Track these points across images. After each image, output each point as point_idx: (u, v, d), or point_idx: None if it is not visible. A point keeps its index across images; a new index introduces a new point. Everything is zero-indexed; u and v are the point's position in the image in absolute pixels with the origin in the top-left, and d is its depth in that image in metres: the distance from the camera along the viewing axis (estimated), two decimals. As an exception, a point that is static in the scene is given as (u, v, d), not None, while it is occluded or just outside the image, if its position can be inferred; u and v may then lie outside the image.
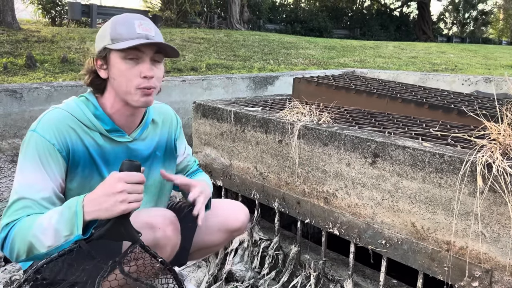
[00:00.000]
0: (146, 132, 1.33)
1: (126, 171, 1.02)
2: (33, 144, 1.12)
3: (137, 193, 1.01)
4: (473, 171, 1.26)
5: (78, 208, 1.01)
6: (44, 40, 7.40)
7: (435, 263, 1.39)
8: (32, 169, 1.11)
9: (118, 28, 1.14)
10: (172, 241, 1.23)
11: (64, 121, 1.16)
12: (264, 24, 20.38)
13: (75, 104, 1.22)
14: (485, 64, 9.64)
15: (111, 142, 1.24)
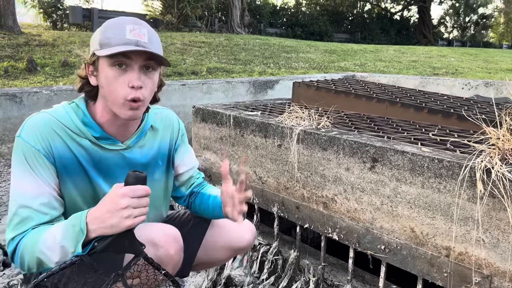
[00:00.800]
0: (143, 140, 1.26)
1: (131, 183, 0.98)
2: (20, 151, 1.08)
3: (142, 207, 0.98)
4: (472, 176, 1.25)
5: (82, 226, 0.98)
6: (45, 44, 7.42)
7: (435, 269, 1.39)
8: (23, 176, 1.07)
9: (107, 32, 1.07)
10: (174, 260, 1.20)
11: (48, 126, 1.10)
12: (265, 28, 20.43)
13: (63, 109, 1.15)
14: (486, 68, 9.64)
15: (102, 150, 1.17)
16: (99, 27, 1.13)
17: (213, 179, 2.29)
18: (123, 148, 1.20)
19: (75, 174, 1.15)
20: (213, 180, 2.29)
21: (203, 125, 2.31)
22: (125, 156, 1.21)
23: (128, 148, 1.22)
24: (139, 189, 0.97)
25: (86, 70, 1.13)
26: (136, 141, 1.24)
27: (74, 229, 0.99)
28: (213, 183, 2.30)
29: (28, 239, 1.03)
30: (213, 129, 2.25)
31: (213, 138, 2.26)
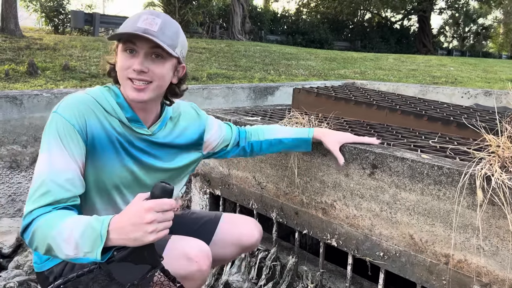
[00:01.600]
0: (165, 129, 1.32)
1: (157, 196, 0.97)
2: (54, 125, 1.12)
3: (167, 221, 0.97)
4: (471, 184, 1.25)
5: (103, 232, 0.96)
6: (46, 48, 7.44)
7: (433, 276, 1.38)
8: (53, 150, 1.10)
9: (126, 21, 1.17)
10: (205, 276, 1.24)
11: (85, 103, 1.16)
12: (266, 35, 20.51)
13: (98, 90, 1.23)
14: (485, 78, 9.67)
15: (131, 132, 1.23)
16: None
17: (212, 184, 2.29)
18: (149, 134, 1.27)
19: (105, 152, 1.19)
20: (212, 185, 2.29)
21: (203, 130, 2.31)
22: (150, 140, 1.28)
23: (153, 134, 1.28)
24: (166, 204, 0.96)
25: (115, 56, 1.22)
26: (159, 129, 1.30)
27: (93, 232, 0.97)
28: (211, 188, 2.29)
29: (45, 221, 1.03)
30: (213, 134, 2.25)
31: (212, 143, 2.25)
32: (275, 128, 1.64)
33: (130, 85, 1.16)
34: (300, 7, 28.49)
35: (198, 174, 2.39)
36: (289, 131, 1.61)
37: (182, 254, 1.19)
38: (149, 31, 1.12)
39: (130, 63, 1.15)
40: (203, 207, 2.41)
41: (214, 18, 19.00)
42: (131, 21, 1.16)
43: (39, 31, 12.96)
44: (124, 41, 1.15)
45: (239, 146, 1.59)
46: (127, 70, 1.15)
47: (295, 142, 1.60)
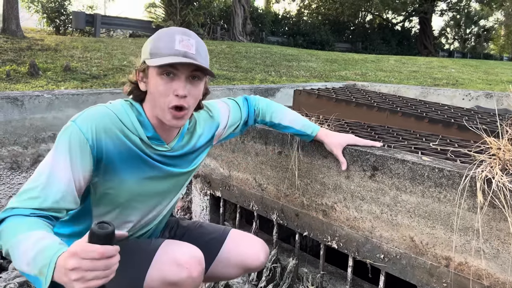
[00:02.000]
0: (184, 140, 1.31)
1: (91, 241, 0.85)
2: (68, 133, 1.10)
3: (100, 270, 0.85)
4: (472, 186, 1.25)
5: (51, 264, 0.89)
6: (47, 49, 7.46)
7: (434, 279, 1.38)
8: (58, 158, 1.08)
9: (158, 42, 1.12)
10: (196, 283, 1.21)
11: (105, 119, 1.14)
12: (267, 37, 20.53)
13: (121, 106, 1.19)
14: (486, 80, 9.67)
15: (149, 149, 1.22)
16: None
17: (212, 185, 2.29)
18: (168, 150, 1.26)
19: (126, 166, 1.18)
20: (212, 186, 2.29)
21: (204, 131, 2.31)
22: (166, 155, 1.26)
23: (172, 150, 1.27)
24: (91, 251, 0.84)
25: (137, 76, 1.18)
26: (177, 144, 1.29)
27: (43, 260, 0.90)
28: (212, 189, 2.29)
29: (14, 224, 0.99)
30: (213, 135, 2.25)
31: (213, 144, 2.25)
32: (284, 112, 1.62)
33: (171, 114, 1.14)
34: (301, 9, 28.52)
35: (199, 176, 2.39)
36: (296, 120, 1.61)
37: (172, 260, 1.16)
38: (188, 54, 1.11)
39: (171, 87, 1.12)
40: (203, 209, 2.41)
41: (215, 19, 19.02)
42: (165, 42, 1.11)
43: (41, 32, 12.99)
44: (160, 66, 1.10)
45: (247, 124, 1.60)
46: (168, 97, 1.12)
47: (299, 133, 1.62)
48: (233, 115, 1.51)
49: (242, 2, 18.06)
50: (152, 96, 1.16)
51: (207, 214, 2.39)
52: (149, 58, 1.12)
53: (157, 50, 1.11)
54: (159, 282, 1.17)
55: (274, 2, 29.20)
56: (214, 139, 1.46)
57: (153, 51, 1.11)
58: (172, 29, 1.15)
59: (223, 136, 1.51)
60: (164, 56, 1.09)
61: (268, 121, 1.61)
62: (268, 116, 1.60)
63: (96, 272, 0.85)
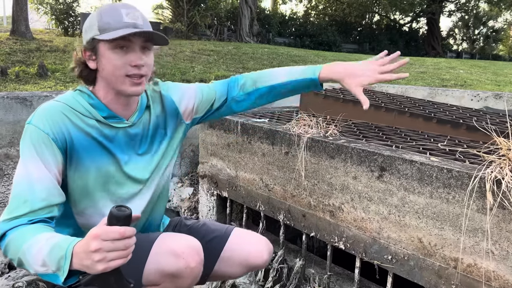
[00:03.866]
0: (143, 117, 1.30)
1: (110, 223, 0.91)
2: (28, 135, 1.11)
3: (119, 250, 0.90)
4: (481, 187, 1.24)
5: (68, 254, 0.94)
6: (56, 50, 7.52)
7: (442, 280, 1.37)
8: (28, 160, 1.09)
9: (105, 17, 1.13)
10: (194, 272, 1.19)
11: (58, 111, 1.15)
12: (274, 38, 20.52)
13: (69, 95, 1.21)
14: (495, 81, 9.58)
15: (110, 128, 1.21)
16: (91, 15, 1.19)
17: (219, 185, 2.29)
18: (128, 125, 1.25)
19: (91, 152, 1.18)
20: (219, 186, 2.29)
21: (211, 132, 2.32)
22: (129, 132, 1.25)
23: (133, 124, 1.26)
24: (112, 232, 0.89)
25: (83, 55, 1.17)
26: (138, 118, 1.28)
27: (59, 252, 0.95)
28: (219, 190, 2.29)
29: (18, 234, 1.02)
30: (220, 135, 2.25)
31: (220, 145, 2.26)
32: (276, 71, 1.45)
33: (129, 81, 1.15)
34: (308, 10, 28.47)
35: (206, 176, 2.39)
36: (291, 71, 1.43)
37: (169, 250, 1.15)
38: (138, 25, 1.13)
39: (127, 59, 1.13)
40: (210, 209, 2.41)
41: (222, 21, 19.06)
42: (112, 16, 1.12)
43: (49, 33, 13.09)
44: (114, 39, 1.11)
45: (227, 101, 1.46)
46: (125, 68, 1.13)
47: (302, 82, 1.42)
48: (200, 89, 1.45)
49: (249, 3, 18.07)
50: (106, 72, 1.15)
51: (214, 215, 2.39)
52: (98, 34, 1.12)
53: (106, 25, 1.11)
54: (157, 274, 1.16)
55: (281, 3, 29.18)
56: (184, 117, 1.40)
57: (102, 26, 1.12)
58: (114, 4, 1.17)
59: (196, 114, 1.44)
60: (115, 29, 1.10)
61: (261, 86, 1.43)
62: (259, 81, 1.44)
63: (116, 252, 0.90)
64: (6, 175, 2.69)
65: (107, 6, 1.16)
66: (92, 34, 1.14)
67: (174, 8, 16.42)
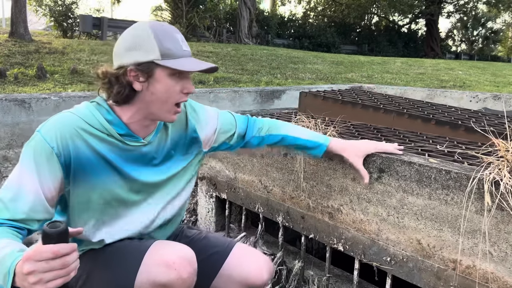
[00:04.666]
0: (159, 135, 1.28)
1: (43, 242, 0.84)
2: (33, 144, 1.09)
3: (56, 270, 0.84)
4: (480, 188, 1.24)
5: (10, 271, 0.89)
6: (55, 52, 7.52)
7: (441, 282, 1.37)
8: (23, 170, 1.08)
9: (165, 43, 1.10)
10: (187, 283, 1.15)
11: (71, 126, 1.11)
12: (273, 39, 20.55)
13: (86, 108, 1.17)
14: (494, 82, 9.60)
15: (123, 145, 1.19)
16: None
17: (218, 187, 2.29)
18: (143, 144, 1.22)
19: (99, 170, 1.15)
20: (218, 188, 2.29)
21: (209, 133, 2.31)
22: (142, 151, 1.23)
23: (149, 143, 1.24)
24: (45, 251, 0.83)
25: (128, 75, 1.12)
26: (154, 136, 1.26)
27: (3, 268, 0.91)
28: (217, 191, 2.29)
29: None
30: (219, 137, 2.25)
31: (219, 146, 2.25)
32: (291, 125, 1.57)
33: (175, 110, 1.17)
34: (307, 11, 28.52)
35: (204, 178, 2.39)
36: (305, 132, 1.54)
37: (161, 261, 1.12)
38: (190, 53, 1.16)
39: (182, 86, 1.15)
40: (209, 211, 2.41)
41: (221, 22, 19.08)
42: (172, 43, 1.12)
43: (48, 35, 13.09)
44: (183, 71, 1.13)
45: (244, 138, 1.51)
46: (177, 95, 1.15)
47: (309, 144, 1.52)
48: (223, 121, 1.45)
49: (248, 5, 18.10)
50: (156, 97, 1.13)
51: (213, 216, 2.39)
52: (160, 59, 1.09)
53: (168, 51, 1.11)
54: (149, 285, 1.13)
55: (280, 5, 29.24)
56: (204, 144, 1.40)
57: (164, 52, 1.10)
58: (167, 28, 1.14)
59: (215, 143, 1.45)
60: (177, 57, 1.12)
61: (276, 133, 1.52)
62: (275, 128, 1.53)
63: (53, 273, 0.84)
64: (5, 178, 2.68)
65: (161, 28, 1.13)
66: (152, 58, 1.09)
67: (173, 10, 16.45)
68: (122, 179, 1.20)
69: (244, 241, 2.16)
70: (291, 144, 1.54)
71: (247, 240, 2.15)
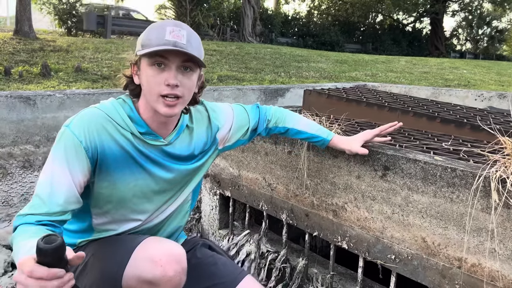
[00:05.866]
0: (182, 137, 1.30)
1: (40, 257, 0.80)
2: (63, 139, 1.13)
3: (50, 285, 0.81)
4: (485, 186, 1.23)
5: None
6: (59, 50, 7.54)
7: (446, 280, 1.36)
8: (55, 164, 1.12)
9: (149, 34, 1.14)
10: (173, 282, 1.12)
11: (97, 120, 1.16)
12: (276, 38, 20.52)
13: (111, 104, 1.22)
14: (499, 81, 9.55)
15: (144, 144, 1.22)
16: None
17: (222, 185, 2.29)
18: (164, 144, 1.25)
19: (124, 164, 1.20)
20: (222, 186, 2.29)
21: (214, 131, 2.31)
22: (165, 150, 1.26)
23: (169, 144, 1.27)
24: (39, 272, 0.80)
25: (132, 69, 1.21)
26: (175, 137, 1.28)
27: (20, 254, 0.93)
28: (221, 189, 2.29)
29: (18, 233, 1.03)
30: (223, 134, 2.25)
31: (223, 144, 2.25)
32: (298, 117, 1.60)
33: (163, 102, 1.14)
34: (311, 10, 28.47)
35: (208, 175, 2.39)
36: (310, 125, 1.58)
37: (148, 256, 1.12)
38: (178, 44, 1.11)
39: (162, 77, 1.13)
40: (213, 208, 2.41)
41: (225, 21, 19.08)
42: (155, 33, 1.13)
43: (53, 33, 13.13)
44: (152, 55, 1.12)
45: (256, 131, 1.55)
46: (159, 86, 1.13)
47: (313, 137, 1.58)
48: (237, 118, 1.47)
49: (252, 3, 18.08)
50: (144, 87, 1.17)
51: (217, 214, 2.39)
52: (140, 49, 1.14)
53: (148, 42, 1.13)
54: (135, 280, 1.12)
55: (284, 3, 29.19)
56: (219, 143, 1.43)
57: (145, 42, 1.13)
58: (164, 22, 1.18)
59: (229, 142, 1.47)
60: (154, 46, 1.11)
61: (282, 126, 1.57)
62: (282, 120, 1.58)
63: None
64: (10, 174, 2.69)
65: (157, 23, 1.18)
66: (136, 49, 1.16)
67: (177, 8, 16.46)
68: (145, 176, 1.24)
69: (248, 238, 2.16)
70: (295, 136, 1.60)
71: (251, 237, 2.15)
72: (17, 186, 2.70)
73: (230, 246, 2.19)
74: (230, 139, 1.47)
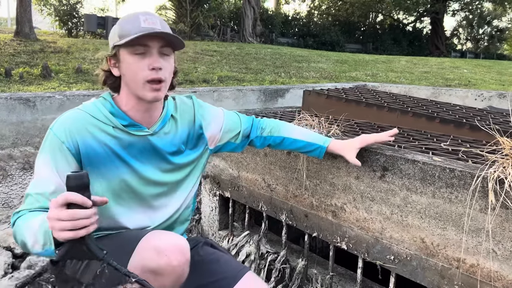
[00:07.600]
0: (167, 127, 1.32)
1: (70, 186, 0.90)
2: (48, 141, 1.19)
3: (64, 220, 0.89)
4: (484, 187, 1.23)
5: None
6: (60, 51, 7.55)
7: (445, 281, 1.36)
8: (42, 164, 1.17)
9: (124, 25, 1.18)
10: (176, 272, 1.15)
11: (78, 121, 1.20)
12: (277, 38, 20.52)
13: (92, 104, 1.26)
14: (499, 80, 9.54)
15: (130, 136, 1.25)
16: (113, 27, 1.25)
17: (221, 186, 2.29)
18: (149, 134, 1.28)
19: (108, 163, 1.23)
20: (221, 187, 2.29)
21: (213, 132, 2.31)
22: (151, 141, 1.29)
23: (155, 133, 1.29)
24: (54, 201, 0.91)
25: (108, 63, 1.23)
26: (160, 127, 1.31)
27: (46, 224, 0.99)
28: (221, 190, 2.30)
29: (21, 220, 1.10)
30: (222, 135, 2.25)
31: (222, 145, 2.25)
32: (293, 127, 1.61)
33: (150, 88, 1.18)
34: (311, 10, 28.46)
35: (208, 176, 2.39)
36: (306, 133, 1.58)
37: (152, 246, 1.14)
38: (156, 30, 1.16)
39: (145, 63, 1.17)
40: (212, 209, 2.41)
41: (225, 21, 19.08)
42: (130, 22, 1.17)
43: (53, 34, 13.15)
44: (131, 44, 1.16)
45: (249, 138, 1.56)
46: (143, 72, 1.17)
47: (309, 145, 1.56)
48: (228, 120, 1.51)
49: (252, 4, 18.09)
50: (127, 77, 1.20)
51: (216, 215, 2.39)
52: (118, 40, 1.17)
53: (125, 32, 1.16)
54: (139, 269, 1.13)
55: (284, 3, 29.19)
56: (210, 142, 1.45)
57: (122, 33, 1.17)
58: (135, 12, 1.22)
59: (220, 141, 1.49)
60: (133, 34, 1.15)
61: (277, 135, 1.57)
62: (276, 130, 1.58)
63: (61, 223, 0.90)
64: (10, 176, 2.70)
65: (127, 15, 1.22)
66: (114, 42, 1.19)
67: (177, 9, 16.47)
68: (131, 172, 1.26)
69: (247, 239, 2.16)
70: (291, 146, 1.58)
71: (250, 238, 2.15)
72: (17, 188, 2.70)
73: (230, 247, 2.19)
74: (221, 139, 1.50)
